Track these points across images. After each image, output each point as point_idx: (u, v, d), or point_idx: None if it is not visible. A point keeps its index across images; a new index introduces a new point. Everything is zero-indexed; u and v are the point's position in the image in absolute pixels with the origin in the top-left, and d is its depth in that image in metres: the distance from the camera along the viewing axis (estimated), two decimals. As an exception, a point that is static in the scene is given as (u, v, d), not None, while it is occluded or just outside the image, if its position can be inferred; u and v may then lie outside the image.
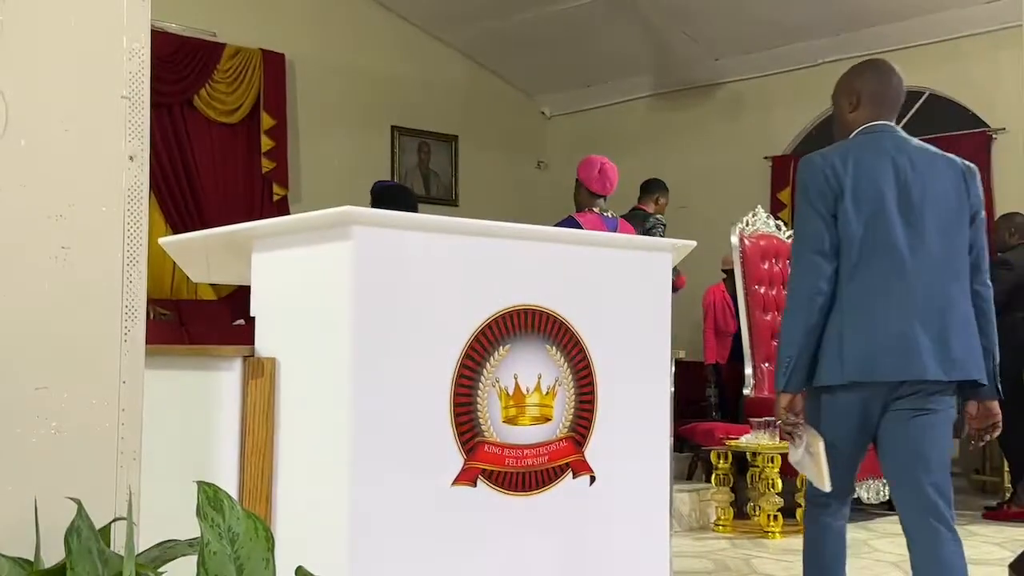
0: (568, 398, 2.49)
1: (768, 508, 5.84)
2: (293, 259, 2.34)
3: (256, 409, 2.30)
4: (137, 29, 1.90)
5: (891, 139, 3.12)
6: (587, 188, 5.21)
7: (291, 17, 9.12)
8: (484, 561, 2.36)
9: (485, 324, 2.35)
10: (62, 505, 1.62)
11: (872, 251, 2.97)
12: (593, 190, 5.19)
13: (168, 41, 8.18)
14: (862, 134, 3.14)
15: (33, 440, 1.75)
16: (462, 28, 9.84)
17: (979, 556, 5.15)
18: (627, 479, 2.61)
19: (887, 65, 3.28)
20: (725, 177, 9.27)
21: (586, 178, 5.20)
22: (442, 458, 2.29)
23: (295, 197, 9.05)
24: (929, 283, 2.99)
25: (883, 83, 3.20)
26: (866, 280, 2.97)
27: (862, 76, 3.22)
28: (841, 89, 3.24)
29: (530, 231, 2.51)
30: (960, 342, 3.00)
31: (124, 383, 1.85)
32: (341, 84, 9.39)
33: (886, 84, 3.21)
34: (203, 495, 1.61)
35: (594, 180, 5.18)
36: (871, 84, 3.19)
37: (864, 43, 8.50)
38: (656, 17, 9.02)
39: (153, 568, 1.63)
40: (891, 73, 3.24)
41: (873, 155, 3.06)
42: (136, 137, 1.89)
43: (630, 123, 10.23)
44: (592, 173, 5.19)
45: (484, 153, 10.31)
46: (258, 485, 2.29)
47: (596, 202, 5.20)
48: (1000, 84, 7.68)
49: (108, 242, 1.85)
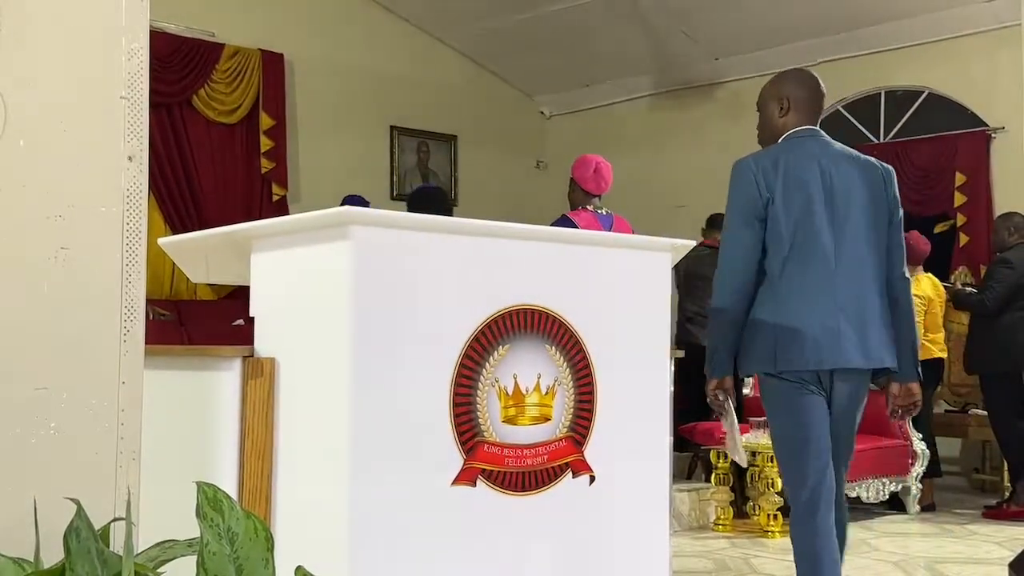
0: (568, 398, 2.49)
1: (768, 507, 5.84)
2: (292, 259, 2.34)
3: (256, 409, 2.30)
4: (136, 29, 1.90)
5: (817, 144, 3.37)
6: (582, 187, 5.21)
7: (290, 17, 9.12)
8: (484, 561, 2.35)
9: (484, 324, 2.35)
10: (61, 505, 1.62)
11: (801, 250, 3.24)
12: (588, 189, 5.20)
13: (167, 41, 8.18)
14: (791, 138, 3.38)
15: (32, 440, 1.75)
16: (462, 28, 9.84)
17: (979, 555, 5.15)
18: (627, 479, 2.62)
19: (811, 74, 3.57)
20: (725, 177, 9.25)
21: (581, 177, 5.20)
22: (442, 458, 2.29)
23: (294, 197, 9.05)
24: (851, 280, 3.25)
25: (810, 90, 3.45)
26: (795, 277, 3.24)
27: (791, 83, 3.46)
28: (770, 95, 3.48)
29: (529, 231, 2.51)
30: (876, 333, 3.28)
31: (123, 383, 1.85)
32: (340, 84, 9.39)
33: (813, 91, 3.46)
34: (202, 495, 1.61)
35: (589, 179, 5.19)
36: (799, 91, 3.43)
37: (863, 42, 8.50)
38: (655, 17, 9.02)
39: (152, 568, 1.63)
40: (816, 81, 3.50)
41: (801, 159, 3.31)
42: (135, 137, 1.89)
43: (629, 123, 10.23)
44: (587, 172, 5.19)
45: (483, 153, 10.31)
46: (257, 485, 2.29)
47: (591, 201, 5.20)
48: (999, 83, 7.69)
49: (107, 242, 1.85)
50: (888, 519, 6.43)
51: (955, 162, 8.06)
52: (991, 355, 6.60)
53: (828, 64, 8.67)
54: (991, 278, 6.65)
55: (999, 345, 6.55)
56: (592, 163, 5.22)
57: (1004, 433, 6.66)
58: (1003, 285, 6.55)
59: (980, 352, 6.68)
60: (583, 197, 5.21)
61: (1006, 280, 6.55)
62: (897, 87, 8.61)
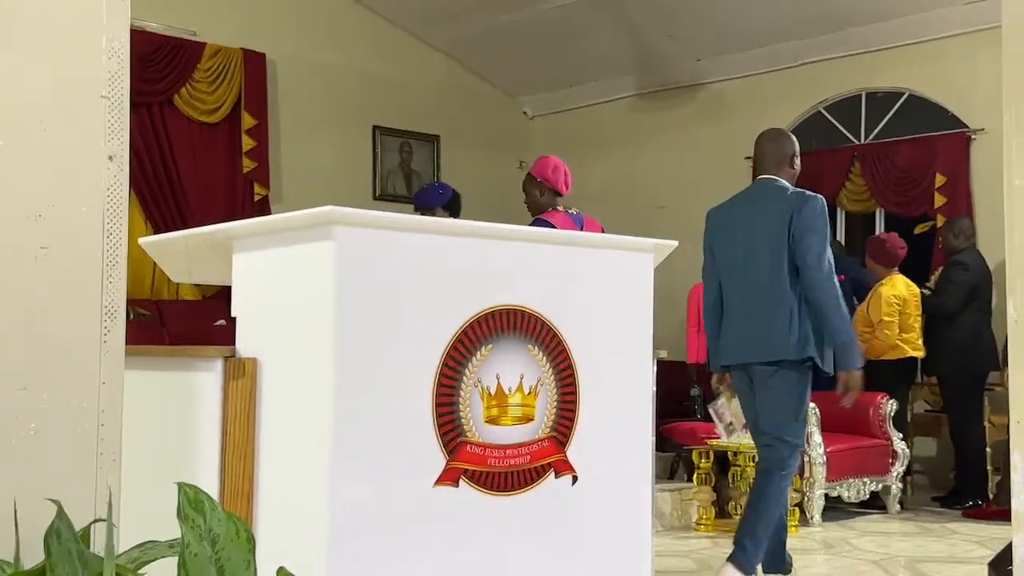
0: (550, 398, 2.50)
1: (749, 507, 5.85)
2: (274, 259, 2.33)
3: (237, 410, 2.29)
4: (116, 28, 1.89)
5: (756, 186, 4.37)
6: (553, 189, 5.18)
7: (272, 17, 9.09)
8: (466, 561, 2.35)
9: (467, 324, 2.35)
10: (42, 507, 1.61)
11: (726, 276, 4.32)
12: (560, 191, 5.19)
13: (148, 40, 8.13)
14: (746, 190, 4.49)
15: (12, 441, 1.74)
16: (444, 28, 9.83)
17: (959, 554, 5.18)
18: (609, 479, 2.62)
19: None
20: (706, 177, 9.28)
21: (553, 179, 5.18)
22: (424, 458, 2.29)
23: (276, 197, 9.01)
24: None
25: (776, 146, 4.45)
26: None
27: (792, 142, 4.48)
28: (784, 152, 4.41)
29: (512, 231, 2.52)
30: (778, 334, 4.08)
31: (104, 384, 1.84)
32: (322, 84, 9.36)
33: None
34: (184, 496, 1.61)
35: (560, 181, 5.20)
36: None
37: (844, 44, 8.53)
38: (638, 18, 9.04)
39: (133, 570, 1.62)
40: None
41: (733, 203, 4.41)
42: (116, 137, 1.88)
43: (612, 123, 10.24)
44: (559, 175, 5.20)
45: (466, 153, 10.30)
46: (239, 486, 2.28)
47: (559, 202, 5.19)
48: (979, 85, 7.73)
49: (88, 242, 1.84)
50: (868, 518, 6.46)
51: (935, 163, 8.10)
52: (950, 357, 6.71)
53: (809, 65, 8.70)
54: (948, 280, 6.82)
55: (958, 347, 6.67)
56: (555, 164, 5.22)
57: (959, 434, 6.77)
58: (960, 286, 6.72)
59: (939, 354, 6.78)
60: (552, 198, 5.19)
61: (963, 282, 6.71)
62: (878, 89, 8.64)
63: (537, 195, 5.20)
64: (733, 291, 4.22)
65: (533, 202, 5.21)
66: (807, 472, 6.11)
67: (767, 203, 4.20)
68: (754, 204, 4.26)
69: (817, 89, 8.77)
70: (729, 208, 4.35)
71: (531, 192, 5.22)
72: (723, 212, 4.37)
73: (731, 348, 4.22)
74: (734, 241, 4.23)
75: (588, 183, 9.77)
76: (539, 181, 5.17)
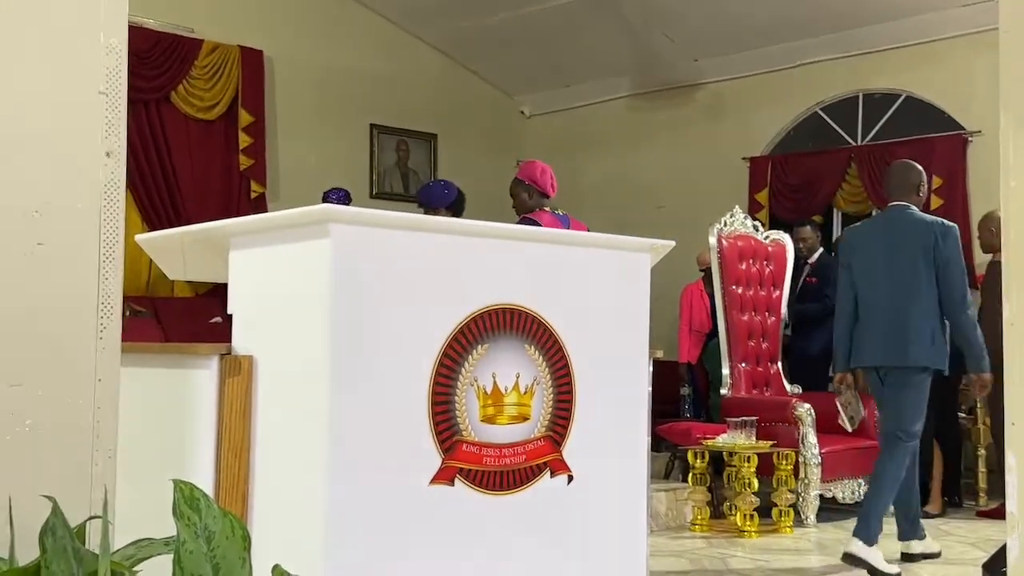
0: (546, 397, 2.50)
1: (744, 508, 5.86)
2: (271, 257, 2.33)
3: (233, 407, 2.29)
4: (114, 25, 1.89)
5: (892, 211, 4.98)
6: (541, 191, 5.33)
7: (269, 14, 9.08)
8: (461, 560, 2.35)
9: (464, 323, 2.35)
10: (37, 503, 1.61)
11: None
12: (547, 193, 5.34)
13: (146, 37, 8.13)
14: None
15: (7, 438, 1.73)
16: (442, 26, 9.83)
17: (952, 556, 5.19)
18: (604, 478, 2.62)
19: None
20: (703, 177, 9.29)
21: (540, 182, 5.36)
22: (420, 457, 2.29)
23: (273, 195, 9.01)
24: None
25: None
26: None
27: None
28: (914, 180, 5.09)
29: (509, 230, 2.51)
30: (922, 346, 4.77)
31: (99, 381, 1.84)
32: (319, 81, 9.36)
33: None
34: (179, 494, 1.61)
35: (548, 184, 5.36)
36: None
37: (842, 45, 8.55)
38: (636, 17, 9.04)
39: (128, 567, 1.62)
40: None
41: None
42: (113, 133, 1.88)
43: (609, 123, 10.24)
44: (546, 178, 5.39)
45: (463, 152, 10.30)
46: (235, 484, 2.28)
47: (546, 203, 5.32)
48: (976, 87, 7.74)
49: (84, 239, 1.84)
50: (863, 519, 6.45)
51: (932, 165, 8.09)
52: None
53: (807, 67, 8.71)
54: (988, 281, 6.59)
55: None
56: (542, 167, 5.41)
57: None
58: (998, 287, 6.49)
59: None
60: (539, 199, 5.32)
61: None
62: (875, 90, 8.65)
63: (525, 197, 5.36)
64: (873, 304, 4.82)
65: (521, 204, 5.38)
66: (802, 473, 6.12)
67: (903, 225, 4.83)
68: (892, 225, 4.88)
69: (814, 90, 8.78)
70: (870, 230, 5.10)
71: (519, 195, 5.39)
72: (862, 234, 5.08)
73: (869, 352, 4.84)
74: (874, 261, 4.83)
75: (585, 182, 9.79)
76: (527, 184, 5.35)
